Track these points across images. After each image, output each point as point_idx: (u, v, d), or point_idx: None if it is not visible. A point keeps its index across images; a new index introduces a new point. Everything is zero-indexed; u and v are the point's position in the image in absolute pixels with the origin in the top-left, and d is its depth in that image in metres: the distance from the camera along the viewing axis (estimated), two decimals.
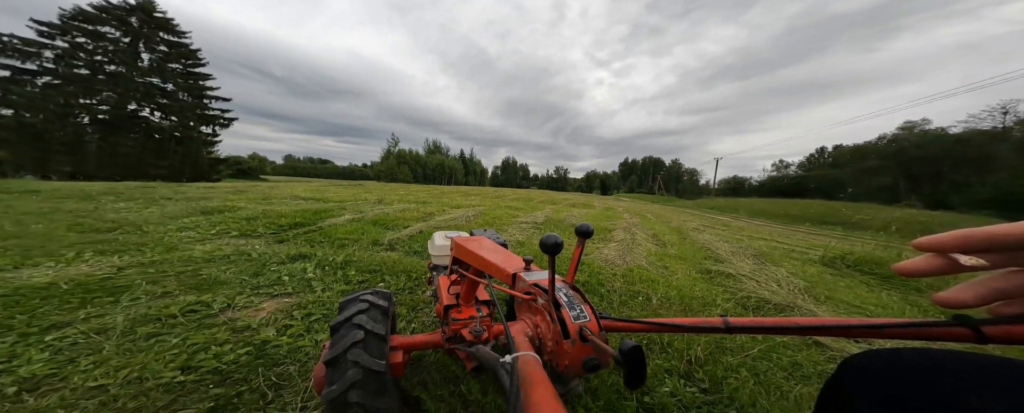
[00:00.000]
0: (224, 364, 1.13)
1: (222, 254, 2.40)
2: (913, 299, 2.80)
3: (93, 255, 2.23)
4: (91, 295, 1.61)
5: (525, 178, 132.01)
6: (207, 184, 10.58)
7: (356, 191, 10.33)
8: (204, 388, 1.02)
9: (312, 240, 3.07)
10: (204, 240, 2.86)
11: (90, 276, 1.85)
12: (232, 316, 1.49)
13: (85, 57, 23.75)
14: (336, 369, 0.68)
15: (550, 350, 0.63)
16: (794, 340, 1.62)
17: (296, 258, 2.41)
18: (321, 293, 1.80)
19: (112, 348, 1.19)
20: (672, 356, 1.37)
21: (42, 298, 1.55)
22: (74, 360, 1.12)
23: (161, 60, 27.41)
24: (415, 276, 2.18)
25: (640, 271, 2.74)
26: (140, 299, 1.61)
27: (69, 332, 1.28)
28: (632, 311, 1.95)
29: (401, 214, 5.18)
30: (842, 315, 2.33)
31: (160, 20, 27.27)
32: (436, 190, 16.91)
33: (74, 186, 6.66)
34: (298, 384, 1.07)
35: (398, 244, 3.16)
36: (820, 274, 3.28)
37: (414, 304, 1.75)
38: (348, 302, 0.82)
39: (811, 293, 2.60)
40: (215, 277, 1.95)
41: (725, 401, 1.14)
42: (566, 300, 0.64)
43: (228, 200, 5.53)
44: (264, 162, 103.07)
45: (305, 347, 1.27)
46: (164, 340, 1.26)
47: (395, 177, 66.72)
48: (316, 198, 6.87)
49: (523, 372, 0.47)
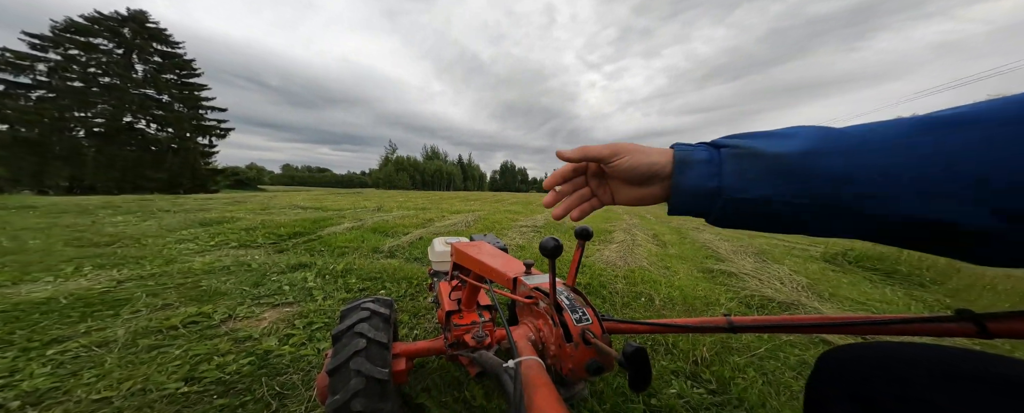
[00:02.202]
0: (227, 374, 1.13)
1: (222, 265, 2.39)
2: (918, 294, 2.80)
3: (92, 269, 2.21)
4: (91, 309, 1.60)
5: (524, 182, 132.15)
6: (205, 195, 10.55)
7: (355, 199, 10.32)
8: (208, 399, 1.02)
9: (312, 249, 3.06)
10: (203, 252, 2.85)
11: (89, 290, 1.84)
12: (234, 326, 1.48)
13: (78, 69, 23.80)
14: (339, 378, 0.68)
15: (553, 354, 0.63)
16: (801, 338, 1.62)
17: (296, 267, 2.41)
18: (322, 302, 1.80)
19: (114, 361, 1.18)
20: (677, 357, 1.37)
21: (42, 313, 1.54)
22: (76, 373, 1.11)
23: (155, 71, 27.49)
24: (416, 283, 2.18)
25: (642, 272, 2.74)
26: (141, 312, 1.60)
27: (70, 346, 1.27)
28: (635, 313, 1.95)
29: (400, 221, 5.17)
30: (847, 312, 2.33)
31: (153, 31, 27.39)
32: (435, 196, 16.92)
33: (71, 200, 6.63)
34: (302, 393, 1.06)
35: (398, 251, 3.16)
36: (822, 271, 3.29)
37: (416, 311, 1.74)
38: (349, 310, 0.82)
39: (814, 290, 2.61)
40: (215, 288, 1.94)
41: (734, 402, 1.14)
42: (568, 303, 0.64)
43: (226, 211, 5.52)
44: (262, 172, 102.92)
45: (308, 356, 1.26)
46: (166, 352, 1.25)
47: (394, 184, 66.70)
48: (315, 207, 6.87)
49: (526, 376, 0.47)
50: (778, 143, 0.31)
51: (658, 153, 0.36)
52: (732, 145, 0.33)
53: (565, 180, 0.42)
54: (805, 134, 0.30)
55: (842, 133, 0.29)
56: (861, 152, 0.27)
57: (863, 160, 0.27)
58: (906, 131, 0.27)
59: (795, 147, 0.29)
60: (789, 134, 0.31)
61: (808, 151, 0.29)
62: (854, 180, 0.27)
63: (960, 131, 0.24)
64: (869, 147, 0.27)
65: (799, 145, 0.29)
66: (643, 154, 0.36)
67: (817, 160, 0.28)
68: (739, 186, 0.31)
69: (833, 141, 0.29)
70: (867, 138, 0.28)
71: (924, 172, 0.25)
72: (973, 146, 0.24)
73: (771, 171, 0.30)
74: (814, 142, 0.29)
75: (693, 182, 0.33)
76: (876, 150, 0.27)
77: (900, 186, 0.26)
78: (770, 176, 0.30)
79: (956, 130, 0.25)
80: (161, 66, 27.73)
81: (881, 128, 0.28)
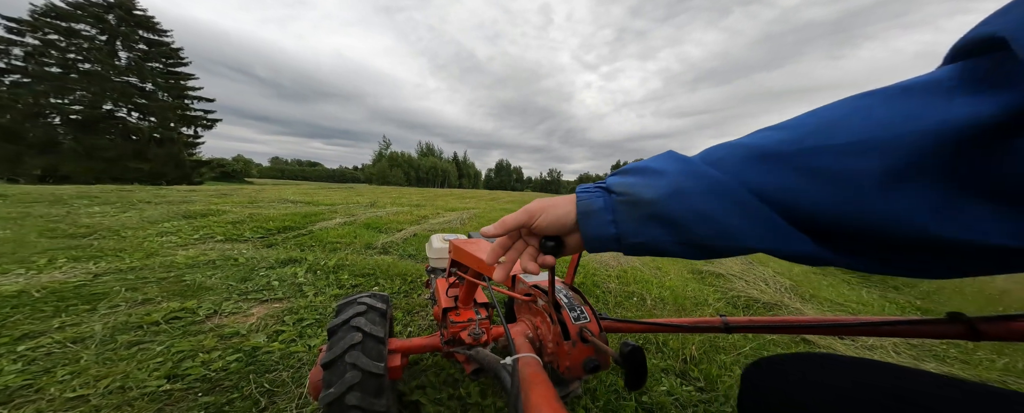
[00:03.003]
0: (212, 372, 1.09)
1: (206, 259, 2.32)
2: (891, 297, 2.92)
3: (67, 261, 2.12)
4: (66, 303, 1.53)
5: (519, 180, 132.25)
6: (189, 187, 10.21)
7: (347, 194, 10.15)
8: (192, 396, 0.98)
9: (302, 244, 3.00)
10: (187, 245, 2.76)
11: (64, 283, 1.76)
12: (219, 322, 1.44)
13: (57, 55, 22.74)
14: (334, 371, 0.67)
15: (550, 352, 0.63)
16: (784, 338, 1.67)
17: (286, 262, 2.35)
18: (313, 298, 1.76)
19: (91, 357, 1.13)
20: (668, 355, 1.39)
21: (12, 307, 1.46)
22: (50, 370, 1.06)
23: (140, 59, 26.48)
24: (410, 279, 2.15)
25: (634, 272, 2.77)
26: (119, 306, 1.54)
27: (43, 341, 1.21)
28: (628, 312, 1.97)
29: (394, 217, 5.11)
30: (827, 312, 2.41)
31: (140, 18, 26.37)
32: (430, 193, 16.78)
33: (44, 189, 6.33)
34: (292, 390, 1.04)
35: (392, 247, 3.12)
36: (804, 273, 3.39)
37: (410, 308, 1.72)
38: (346, 305, 0.81)
39: (797, 292, 2.69)
40: (200, 283, 1.88)
41: (721, 399, 1.16)
42: (566, 301, 0.64)
43: (212, 203, 5.36)
44: (249, 164, 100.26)
45: (298, 353, 1.23)
46: (147, 348, 1.21)
47: (387, 180, 65.91)
48: (306, 201, 6.72)
49: (524, 373, 0.47)
50: (652, 184, 0.32)
51: (566, 203, 0.38)
52: (619, 191, 0.35)
53: (506, 250, 0.43)
54: (672, 172, 0.31)
55: (696, 168, 0.30)
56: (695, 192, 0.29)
57: (692, 202, 0.29)
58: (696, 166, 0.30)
59: (663, 190, 0.31)
60: (659, 171, 0.32)
61: (672, 193, 0.30)
62: (704, 220, 0.29)
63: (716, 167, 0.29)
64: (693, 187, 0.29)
65: (666, 186, 0.31)
66: (554, 208, 0.38)
67: (680, 203, 0.30)
68: (632, 231, 0.33)
69: (692, 178, 0.30)
70: (696, 172, 0.30)
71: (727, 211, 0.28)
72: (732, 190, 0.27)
73: (651, 218, 0.32)
74: (676, 180, 0.30)
75: (596, 231, 0.35)
76: (694, 191, 0.29)
77: (719, 226, 0.28)
78: (652, 222, 0.32)
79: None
80: (146, 54, 26.71)
81: (715, 155, 0.30)
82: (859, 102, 0.25)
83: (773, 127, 0.29)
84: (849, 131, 0.23)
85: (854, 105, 0.25)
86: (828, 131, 0.24)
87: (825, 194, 0.24)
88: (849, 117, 0.24)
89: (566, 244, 0.39)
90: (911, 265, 0.25)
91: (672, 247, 0.32)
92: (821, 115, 0.26)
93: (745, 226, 0.27)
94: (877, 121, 0.22)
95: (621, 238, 0.34)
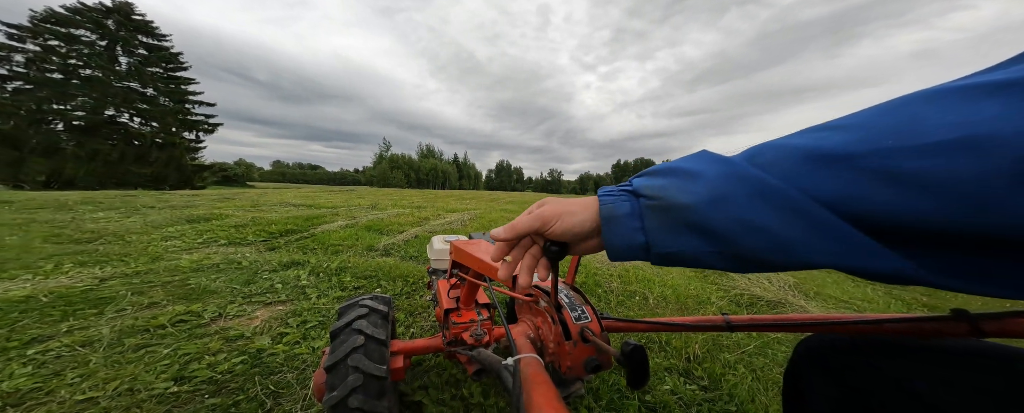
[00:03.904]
0: (219, 374, 1.10)
1: (210, 263, 2.34)
2: (897, 293, 2.90)
3: (73, 266, 2.14)
4: (73, 307, 1.55)
5: (519, 181, 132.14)
6: (191, 192, 10.26)
7: (348, 197, 10.18)
8: (199, 398, 1.00)
9: (305, 247, 3.01)
10: (191, 249, 2.78)
11: (71, 288, 1.78)
12: (224, 325, 1.45)
13: (58, 60, 22.89)
14: (337, 374, 0.67)
15: (552, 352, 0.64)
16: (788, 336, 1.66)
17: (289, 265, 2.37)
18: (316, 300, 1.77)
19: (99, 360, 1.15)
20: (671, 354, 1.40)
21: (21, 311, 1.48)
22: (59, 373, 1.08)
23: (140, 64, 26.63)
24: (412, 281, 2.16)
25: (636, 271, 2.77)
26: (126, 310, 1.55)
27: (52, 345, 1.23)
28: (630, 311, 1.98)
29: (396, 219, 5.13)
30: (831, 310, 2.40)
31: (139, 23, 26.53)
32: (430, 194, 16.81)
33: (49, 195, 6.39)
34: (297, 392, 1.05)
35: (393, 249, 3.13)
36: (808, 271, 3.38)
37: (412, 309, 1.73)
38: (348, 307, 0.81)
39: (801, 289, 2.68)
40: (204, 286, 1.90)
41: (725, 398, 1.16)
42: (567, 301, 0.65)
43: (215, 208, 5.39)
44: (251, 168, 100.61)
45: (302, 354, 1.24)
46: (154, 351, 1.22)
47: (388, 182, 65.98)
48: (307, 204, 6.75)
49: (525, 374, 0.47)
50: (687, 187, 0.29)
51: (583, 209, 0.35)
52: (648, 194, 0.31)
53: (512, 248, 0.41)
54: (710, 175, 0.28)
55: (740, 171, 0.27)
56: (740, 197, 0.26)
57: (735, 210, 0.26)
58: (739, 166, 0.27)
59: (701, 195, 0.28)
60: (695, 173, 0.29)
61: (713, 199, 0.27)
62: (754, 231, 0.25)
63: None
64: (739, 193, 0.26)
65: (705, 191, 0.28)
66: (570, 215, 0.35)
67: (722, 210, 0.26)
68: (664, 241, 0.30)
69: (736, 182, 0.26)
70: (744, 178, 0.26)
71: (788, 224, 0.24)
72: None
73: (686, 225, 0.28)
74: (716, 185, 0.27)
75: (622, 240, 0.32)
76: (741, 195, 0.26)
77: (773, 238, 0.24)
78: (687, 231, 0.29)
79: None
80: (146, 59, 26.87)
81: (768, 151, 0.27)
82: (941, 98, 0.21)
83: (824, 127, 0.25)
84: (947, 128, 0.20)
85: (935, 102, 0.21)
86: (912, 130, 0.21)
87: (926, 201, 0.20)
88: (940, 114, 0.20)
89: (574, 248, 0.37)
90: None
91: (710, 259, 0.28)
92: (892, 114, 0.22)
93: (810, 240, 0.23)
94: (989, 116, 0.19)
95: (651, 247, 0.31)
